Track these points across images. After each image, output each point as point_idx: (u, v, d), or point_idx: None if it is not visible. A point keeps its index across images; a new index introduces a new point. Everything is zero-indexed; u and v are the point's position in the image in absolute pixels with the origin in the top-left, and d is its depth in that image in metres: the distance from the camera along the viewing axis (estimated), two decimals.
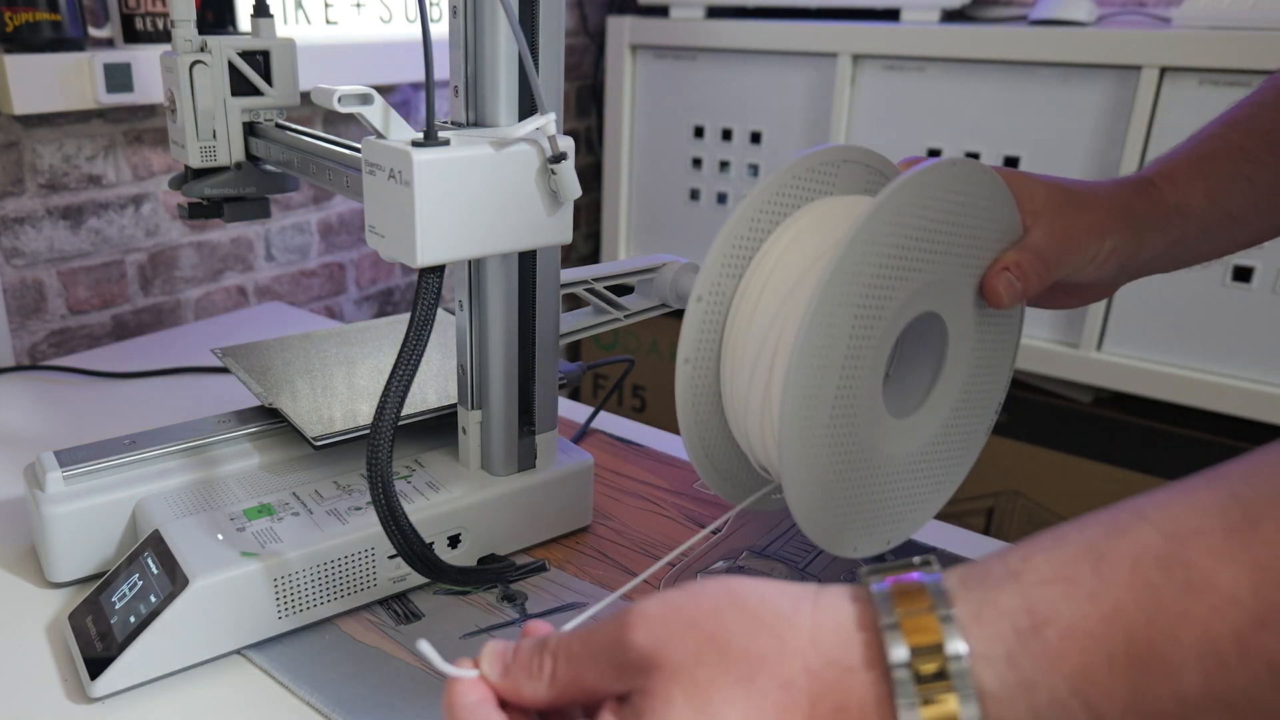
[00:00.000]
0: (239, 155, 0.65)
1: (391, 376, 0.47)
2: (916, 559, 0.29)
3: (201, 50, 0.62)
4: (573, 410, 0.82)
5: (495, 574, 0.56)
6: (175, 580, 0.48)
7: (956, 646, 0.26)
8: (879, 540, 0.49)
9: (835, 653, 0.28)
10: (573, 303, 0.67)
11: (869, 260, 0.41)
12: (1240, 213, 0.48)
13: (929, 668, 0.26)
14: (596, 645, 0.30)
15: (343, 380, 0.65)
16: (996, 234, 0.46)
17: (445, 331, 0.72)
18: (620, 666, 0.29)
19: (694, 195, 1.50)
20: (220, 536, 0.51)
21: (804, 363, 0.40)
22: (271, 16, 0.64)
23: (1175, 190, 0.48)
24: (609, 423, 0.80)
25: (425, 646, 0.33)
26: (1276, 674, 0.24)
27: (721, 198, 1.47)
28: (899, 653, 0.26)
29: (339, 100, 0.44)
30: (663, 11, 1.50)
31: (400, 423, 0.48)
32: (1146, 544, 0.26)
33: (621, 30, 1.50)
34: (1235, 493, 0.26)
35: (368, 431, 0.48)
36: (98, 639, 0.48)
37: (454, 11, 0.51)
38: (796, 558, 0.59)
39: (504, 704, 0.32)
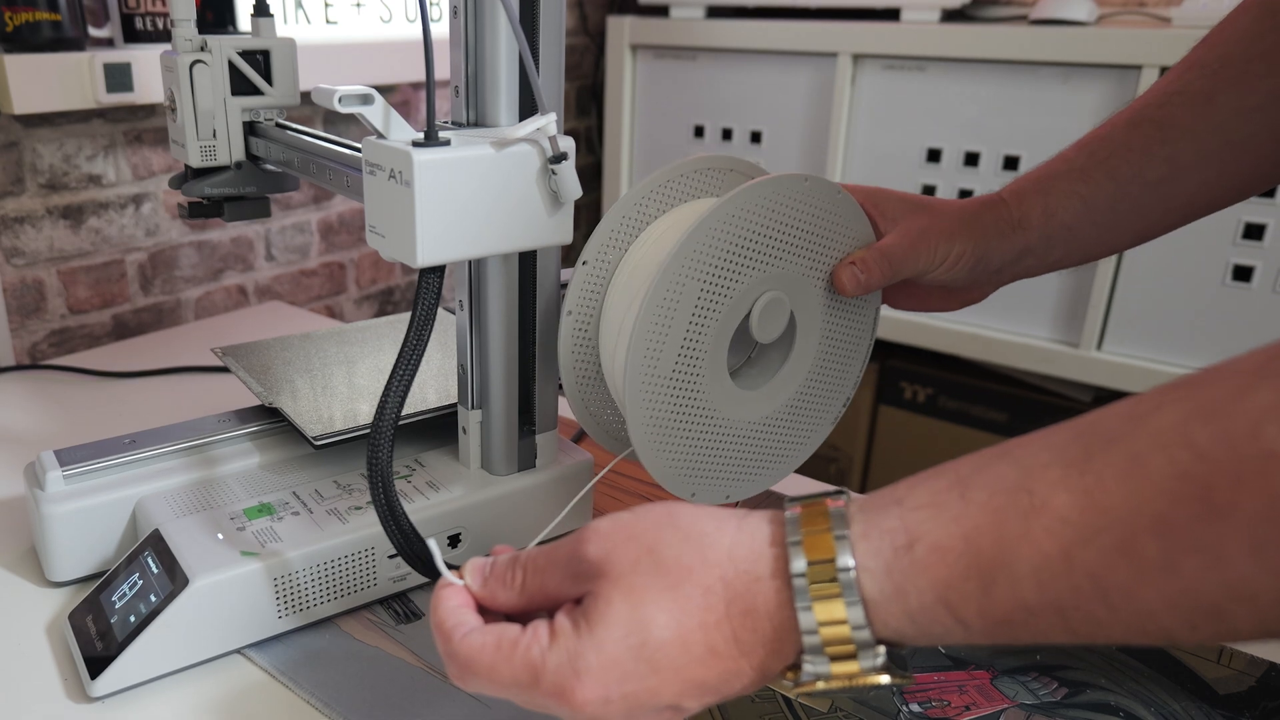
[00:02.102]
0: (239, 155, 0.66)
1: (392, 376, 0.47)
2: (832, 489, 0.35)
3: (202, 50, 0.62)
4: None
5: None
6: (175, 580, 0.48)
7: (845, 560, 0.31)
8: (718, 493, 0.55)
9: (747, 564, 0.33)
10: None
11: (714, 245, 0.48)
12: (1077, 226, 0.54)
13: (822, 577, 0.31)
14: (558, 557, 0.36)
15: (343, 380, 0.65)
16: (848, 240, 0.54)
17: (445, 331, 0.72)
18: (576, 575, 0.35)
19: None
20: (220, 536, 0.51)
21: (648, 319, 0.48)
22: (272, 16, 0.64)
23: (1019, 205, 0.54)
24: None
25: (433, 545, 0.39)
26: (1098, 584, 0.28)
27: None
28: (798, 564, 0.32)
29: (339, 100, 0.44)
30: (663, 11, 1.50)
31: (400, 422, 0.48)
32: (1003, 475, 0.30)
33: (621, 30, 1.50)
34: (1079, 432, 0.30)
35: (368, 431, 0.48)
36: (98, 638, 0.48)
37: (454, 12, 0.51)
38: None
39: (482, 610, 0.37)
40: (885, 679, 0.32)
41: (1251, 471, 0.25)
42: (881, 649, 0.32)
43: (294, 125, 0.64)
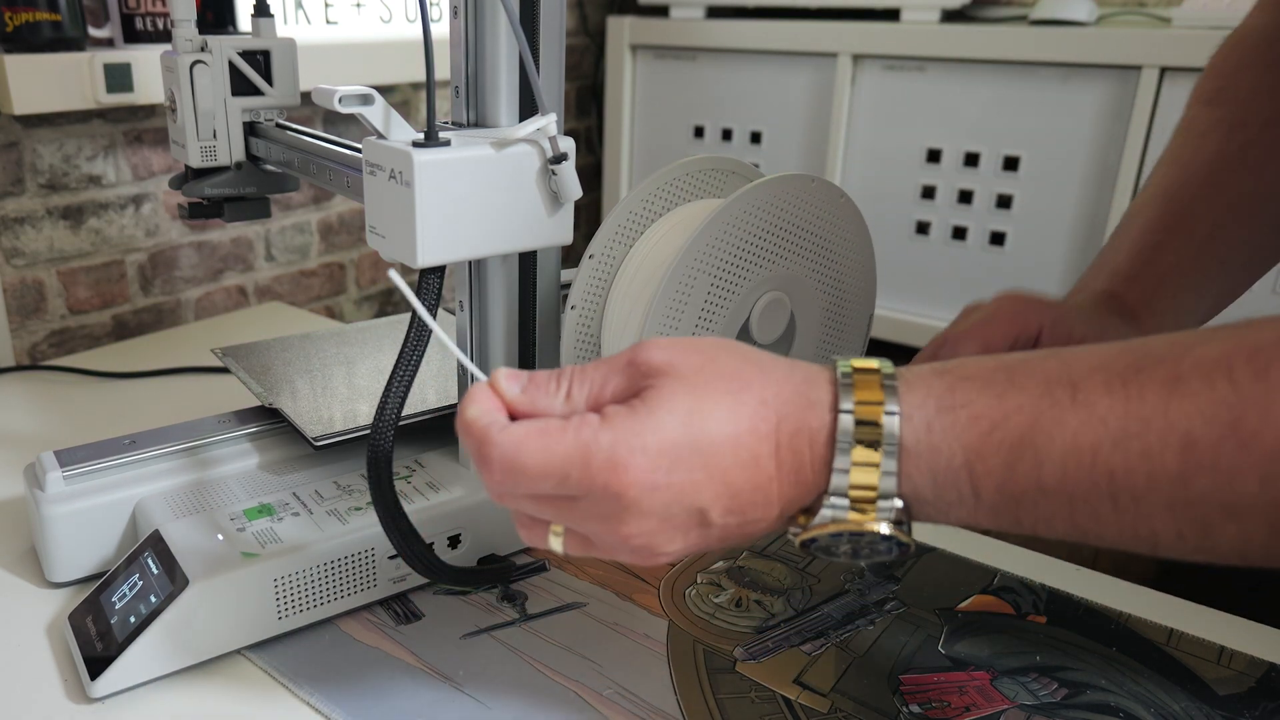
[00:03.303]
0: (239, 155, 0.65)
1: (392, 377, 0.47)
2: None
3: (202, 50, 0.62)
4: None
5: (495, 574, 0.56)
6: (175, 580, 0.48)
7: (892, 405, 0.33)
8: None
9: (804, 388, 0.34)
10: None
11: (727, 238, 0.49)
12: (1194, 309, 0.55)
13: (867, 417, 0.33)
14: (615, 364, 0.36)
15: (343, 380, 0.65)
16: (848, 246, 0.54)
17: (445, 331, 0.72)
18: (634, 377, 0.35)
19: None
20: (220, 537, 0.51)
21: (662, 308, 0.48)
22: (272, 16, 0.64)
23: (1143, 305, 0.54)
24: None
25: (453, 346, 0.40)
26: (1113, 483, 0.30)
27: None
28: (847, 402, 0.33)
29: (340, 101, 0.44)
30: (663, 11, 1.50)
31: (400, 423, 0.48)
32: (1050, 369, 0.32)
33: (621, 30, 1.50)
34: (1129, 348, 0.32)
35: (368, 431, 0.48)
36: (98, 639, 0.48)
37: (454, 12, 0.51)
38: (796, 558, 0.59)
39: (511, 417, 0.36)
40: (887, 529, 0.34)
41: (1279, 411, 0.28)
42: (899, 501, 0.33)
43: (294, 126, 0.64)
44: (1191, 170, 0.56)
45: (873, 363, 0.35)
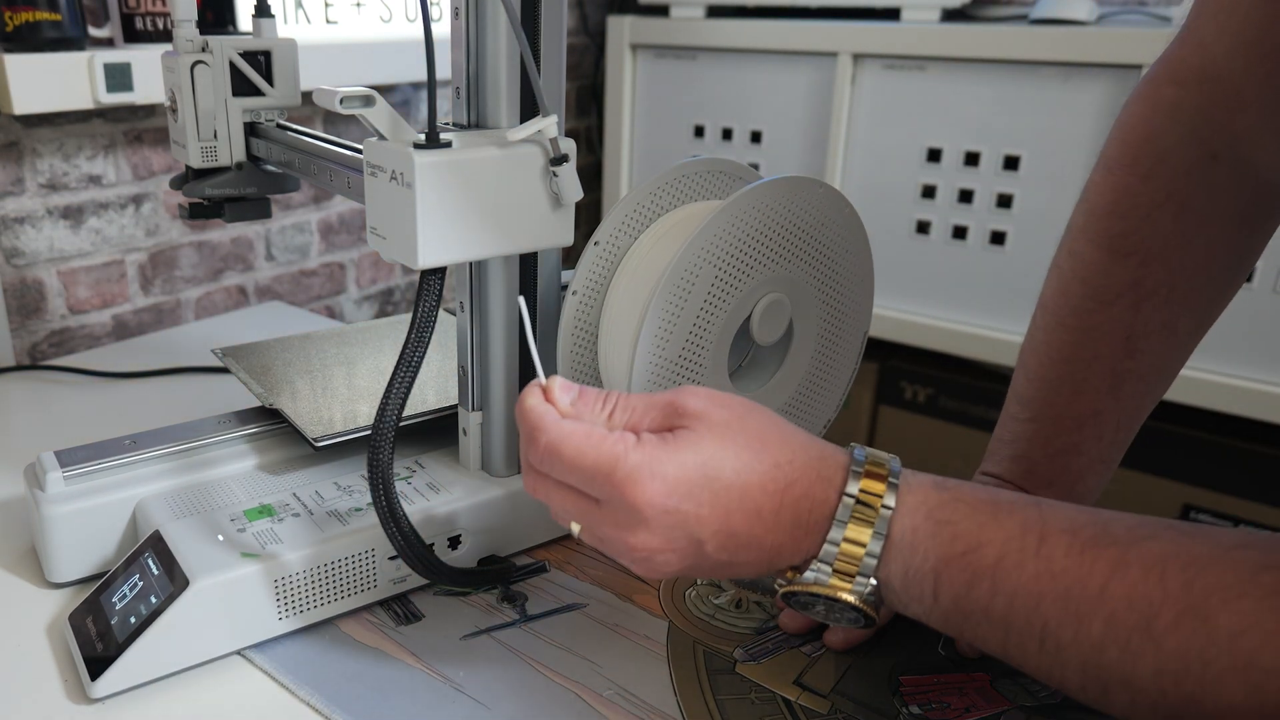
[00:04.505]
0: (240, 155, 0.65)
1: (393, 378, 0.47)
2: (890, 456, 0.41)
3: (203, 50, 0.62)
4: None
5: (495, 575, 0.56)
6: (175, 581, 0.48)
7: (890, 500, 0.38)
8: None
9: (819, 464, 0.39)
10: None
11: (732, 233, 0.50)
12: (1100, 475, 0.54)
13: (866, 504, 0.38)
14: (656, 401, 0.41)
15: (343, 381, 0.65)
16: (848, 253, 0.55)
17: (446, 333, 0.72)
18: (670, 416, 0.40)
19: None
20: (220, 537, 0.51)
21: (664, 299, 0.49)
22: (273, 16, 0.64)
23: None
24: None
25: (533, 343, 0.45)
26: (1046, 628, 0.35)
27: None
28: (853, 487, 0.38)
29: (341, 102, 0.44)
30: (663, 11, 1.50)
31: (401, 424, 0.48)
32: (1029, 516, 0.37)
33: (621, 30, 1.50)
34: (1097, 521, 0.36)
35: (368, 432, 0.48)
36: (98, 639, 0.48)
37: (455, 13, 0.51)
38: None
39: None
40: (856, 601, 0.38)
41: (1188, 626, 0.32)
42: (873, 581, 0.38)
43: (295, 126, 0.64)
44: (1085, 360, 0.51)
45: (883, 457, 0.39)
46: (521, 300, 0.45)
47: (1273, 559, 0.32)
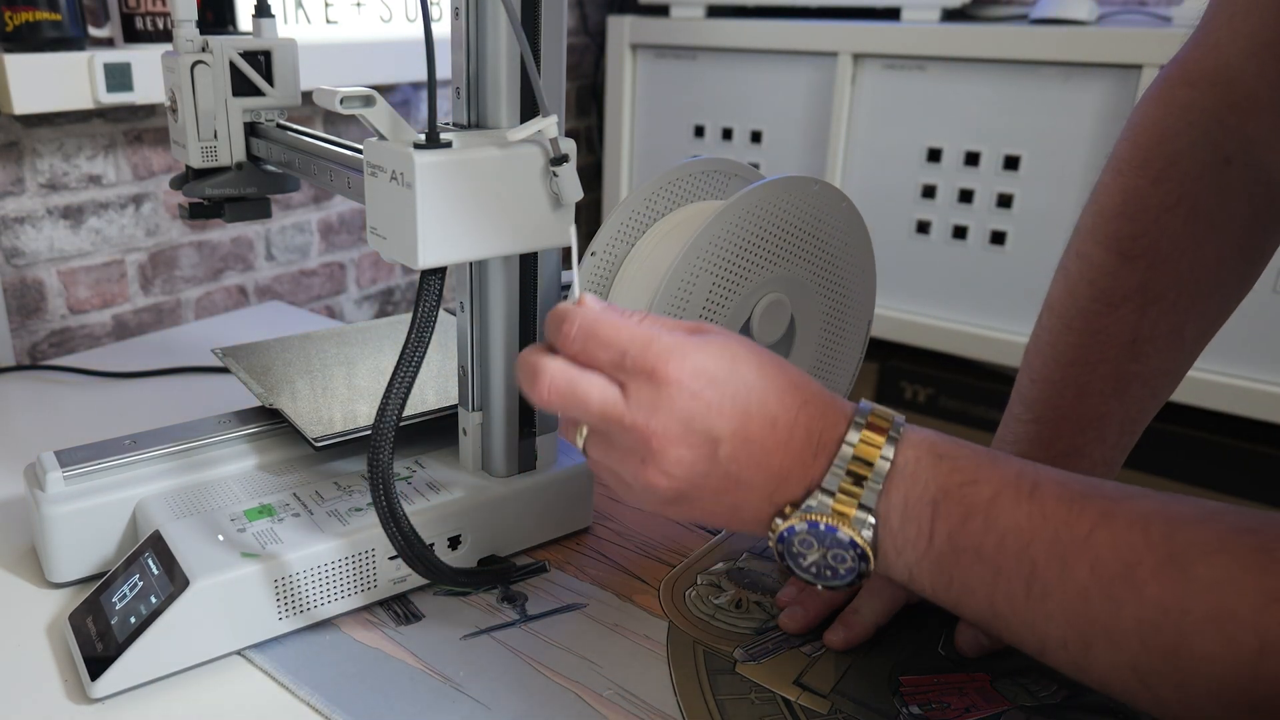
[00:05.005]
0: (240, 155, 0.65)
1: (393, 378, 0.47)
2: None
3: (203, 50, 0.62)
4: None
5: (495, 575, 0.56)
6: (175, 581, 0.48)
7: (897, 431, 0.39)
8: None
9: (832, 399, 0.40)
10: None
11: (731, 236, 0.50)
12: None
13: (879, 428, 0.39)
14: (679, 323, 0.41)
15: (343, 381, 0.65)
16: (849, 251, 0.55)
17: (446, 333, 0.72)
18: (696, 331, 0.40)
19: None
20: (221, 537, 0.51)
21: (663, 306, 0.50)
22: (273, 16, 0.64)
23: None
24: None
25: (575, 276, 0.47)
26: (1034, 571, 0.35)
27: None
28: (864, 416, 0.39)
29: (342, 103, 0.44)
30: (663, 11, 1.50)
31: (401, 424, 0.48)
32: (1026, 469, 0.38)
33: (621, 30, 1.50)
34: (1089, 481, 0.37)
35: (368, 432, 0.48)
36: (98, 639, 0.48)
37: (455, 13, 0.51)
38: None
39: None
40: (854, 535, 0.38)
41: (1168, 576, 0.33)
42: (872, 519, 0.38)
43: (295, 126, 0.64)
44: (1090, 363, 0.51)
45: (888, 414, 0.40)
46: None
47: (1253, 524, 0.33)
